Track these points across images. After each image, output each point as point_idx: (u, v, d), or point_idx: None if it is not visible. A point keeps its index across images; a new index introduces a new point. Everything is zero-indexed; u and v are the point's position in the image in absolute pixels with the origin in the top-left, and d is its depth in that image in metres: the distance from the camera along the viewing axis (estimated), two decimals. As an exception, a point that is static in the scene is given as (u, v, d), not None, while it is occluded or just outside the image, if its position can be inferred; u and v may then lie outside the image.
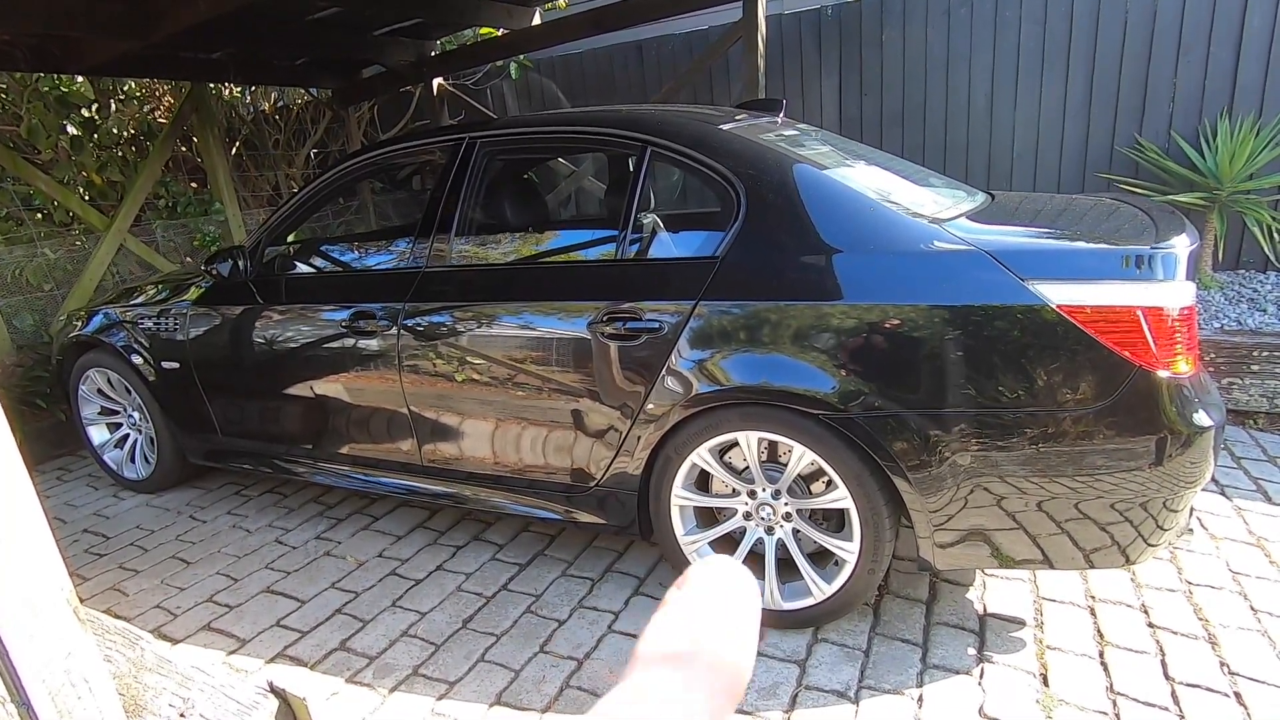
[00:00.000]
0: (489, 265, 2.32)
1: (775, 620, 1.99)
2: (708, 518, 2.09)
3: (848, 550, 1.85)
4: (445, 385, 2.26)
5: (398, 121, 6.33)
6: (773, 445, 1.95)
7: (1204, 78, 3.93)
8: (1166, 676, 1.74)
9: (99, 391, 3.24)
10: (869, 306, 1.70)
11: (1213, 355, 3.06)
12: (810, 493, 1.92)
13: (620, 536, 2.51)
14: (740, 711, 1.73)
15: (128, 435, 3.28)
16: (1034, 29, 4.22)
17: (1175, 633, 1.88)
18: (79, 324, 3.20)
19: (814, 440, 1.79)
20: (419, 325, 2.28)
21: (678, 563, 2.09)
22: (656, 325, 1.91)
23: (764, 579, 1.97)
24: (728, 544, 2.05)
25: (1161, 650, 1.82)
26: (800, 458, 1.84)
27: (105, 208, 4.85)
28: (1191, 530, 1.80)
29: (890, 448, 1.70)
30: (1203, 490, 1.73)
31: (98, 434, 3.33)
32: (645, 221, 2.06)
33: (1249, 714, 1.62)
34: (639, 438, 1.99)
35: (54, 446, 3.83)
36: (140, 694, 1.54)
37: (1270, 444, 2.89)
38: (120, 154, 5.25)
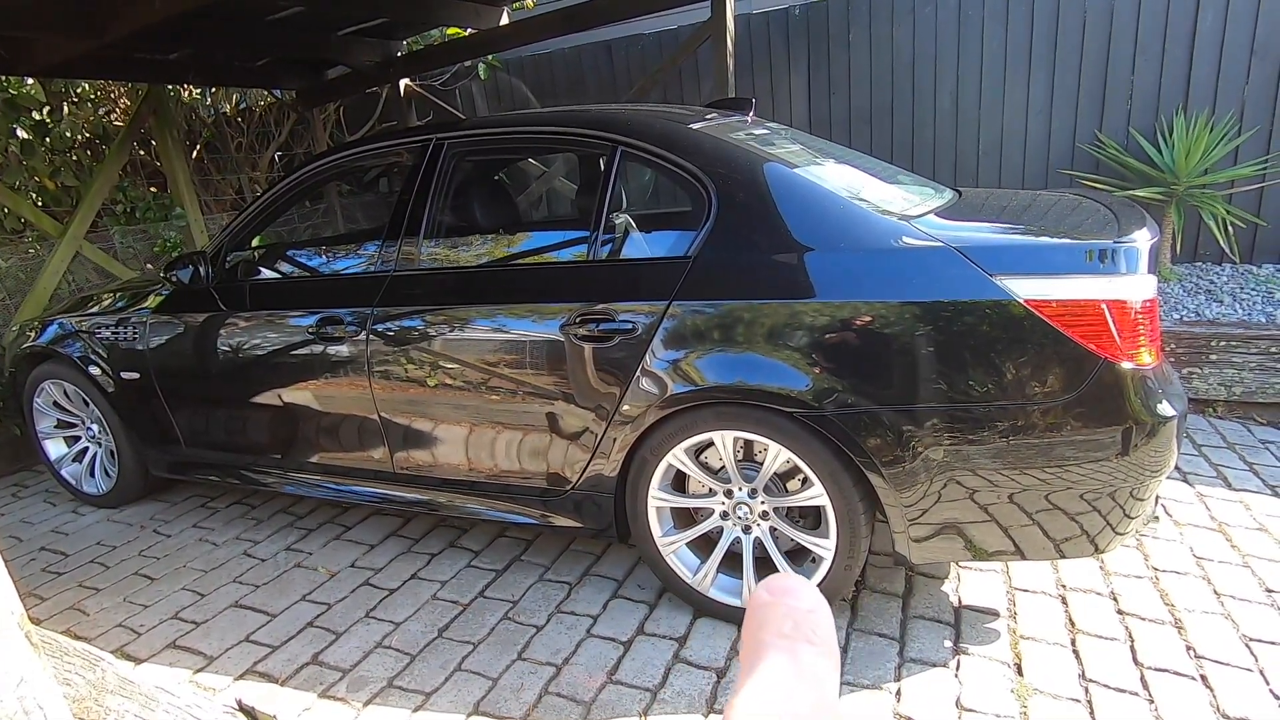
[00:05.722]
0: (459, 268, 2.29)
1: (754, 619, 1.98)
2: (685, 518, 2.08)
3: (824, 547, 1.86)
4: (417, 390, 2.22)
5: (364, 123, 6.23)
6: (748, 444, 1.95)
7: (1160, 76, 4.03)
8: (1136, 662, 1.77)
9: (55, 404, 3.13)
10: (841, 304, 1.70)
11: (1173, 346, 3.15)
12: (786, 491, 1.92)
13: (598, 539, 2.49)
14: (721, 711, 1.72)
15: (86, 448, 3.18)
16: (997, 29, 4.30)
17: (1143, 619, 1.92)
18: (33, 334, 3.09)
19: (789, 438, 1.79)
20: (389, 330, 2.23)
21: (656, 564, 2.08)
22: (630, 326, 1.90)
23: (742, 578, 1.97)
24: (705, 544, 2.05)
25: (1130, 636, 1.86)
26: (776, 456, 1.84)
27: (59, 214, 4.69)
28: (1157, 518, 1.84)
29: (864, 444, 1.70)
30: (1167, 478, 1.77)
31: (55, 448, 3.22)
32: (617, 222, 2.04)
33: (1214, 695, 1.66)
34: (615, 439, 1.98)
35: (9, 462, 3.70)
36: (102, 718, 1.49)
37: (1229, 430, 2.97)
38: (74, 158, 5.08)
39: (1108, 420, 1.60)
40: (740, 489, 1.94)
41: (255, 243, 2.94)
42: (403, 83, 5.47)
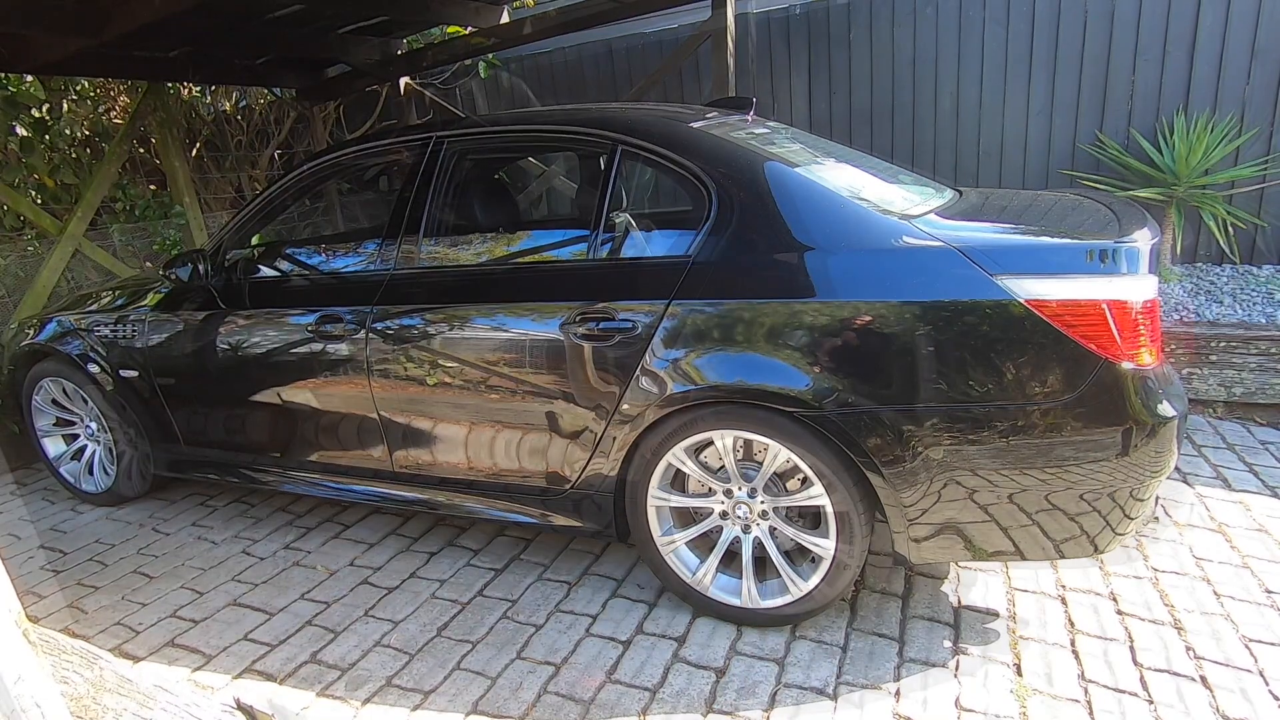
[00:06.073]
0: (459, 267, 2.29)
1: (754, 619, 1.98)
2: (684, 518, 2.08)
3: (824, 547, 1.85)
4: (416, 389, 2.22)
5: (364, 121, 6.22)
6: (748, 444, 1.94)
7: (1160, 76, 4.03)
8: (1135, 662, 1.77)
9: (54, 402, 3.13)
10: (841, 304, 1.70)
11: (1173, 346, 3.15)
12: (786, 490, 1.92)
13: (597, 538, 2.49)
14: (720, 711, 1.72)
15: (85, 446, 3.17)
16: (997, 30, 4.30)
17: (1143, 619, 1.92)
18: (32, 332, 3.09)
19: (789, 438, 1.79)
20: (388, 329, 2.23)
21: (655, 564, 2.08)
22: (629, 325, 1.89)
23: (741, 578, 1.97)
24: (705, 543, 2.05)
25: (1130, 637, 1.86)
26: (775, 456, 1.84)
27: (59, 211, 4.69)
28: (1157, 518, 1.84)
29: (864, 444, 1.70)
30: (1167, 479, 1.76)
31: (53, 446, 3.21)
32: (617, 221, 2.04)
33: (1214, 696, 1.66)
34: (614, 439, 1.97)
35: (8, 460, 3.69)
36: (100, 716, 1.49)
37: (1229, 431, 2.97)
38: (74, 156, 5.07)
39: (1108, 421, 1.59)
40: (740, 488, 1.94)
41: (255, 241, 2.94)
42: (403, 81, 5.46)
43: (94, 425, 3.08)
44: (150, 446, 2.92)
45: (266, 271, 2.76)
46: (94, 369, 2.88)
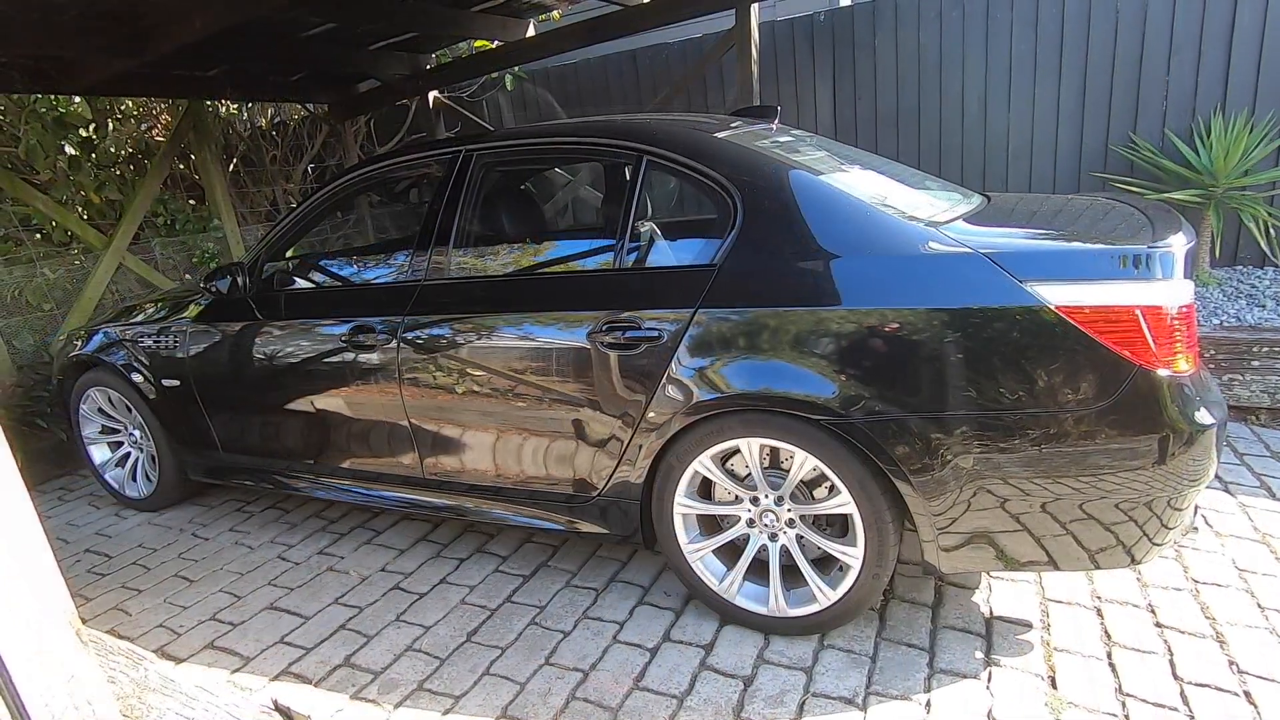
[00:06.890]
0: (487, 277, 2.33)
1: (781, 627, 1.98)
2: (711, 525, 2.08)
3: (852, 555, 1.84)
4: (446, 397, 2.26)
5: (394, 135, 6.35)
6: (775, 451, 1.94)
7: (1197, 76, 3.95)
8: (1175, 676, 1.73)
9: (100, 410, 3.24)
10: (868, 311, 1.70)
11: (1213, 352, 3.06)
12: (813, 498, 1.91)
13: (624, 546, 2.50)
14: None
15: (129, 454, 3.28)
16: (1026, 31, 4.25)
17: (1183, 632, 1.87)
18: (79, 343, 3.20)
19: (816, 446, 1.79)
20: (418, 338, 2.28)
21: (682, 571, 2.08)
22: (656, 334, 1.91)
23: (768, 586, 1.97)
24: (732, 551, 2.05)
25: (1170, 650, 1.81)
26: (802, 464, 1.83)
27: (104, 226, 4.87)
28: (1196, 528, 1.80)
29: (892, 452, 1.69)
30: (1207, 488, 1.72)
31: (99, 453, 3.33)
32: (643, 230, 2.06)
33: (1259, 713, 1.61)
34: (640, 446, 1.99)
35: (55, 466, 3.83)
36: (144, 715, 1.54)
37: (1273, 439, 2.88)
38: (118, 173, 5.26)
39: (1143, 428, 1.56)
40: (767, 496, 1.94)
41: (290, 253, 3.02)
42: (431, 95, 5.57)
43: (137, 433, 3.19)
44: (190, 453, 3.01)
45: (301, 283, 2.83)
46: (138, 378, 2.98)
